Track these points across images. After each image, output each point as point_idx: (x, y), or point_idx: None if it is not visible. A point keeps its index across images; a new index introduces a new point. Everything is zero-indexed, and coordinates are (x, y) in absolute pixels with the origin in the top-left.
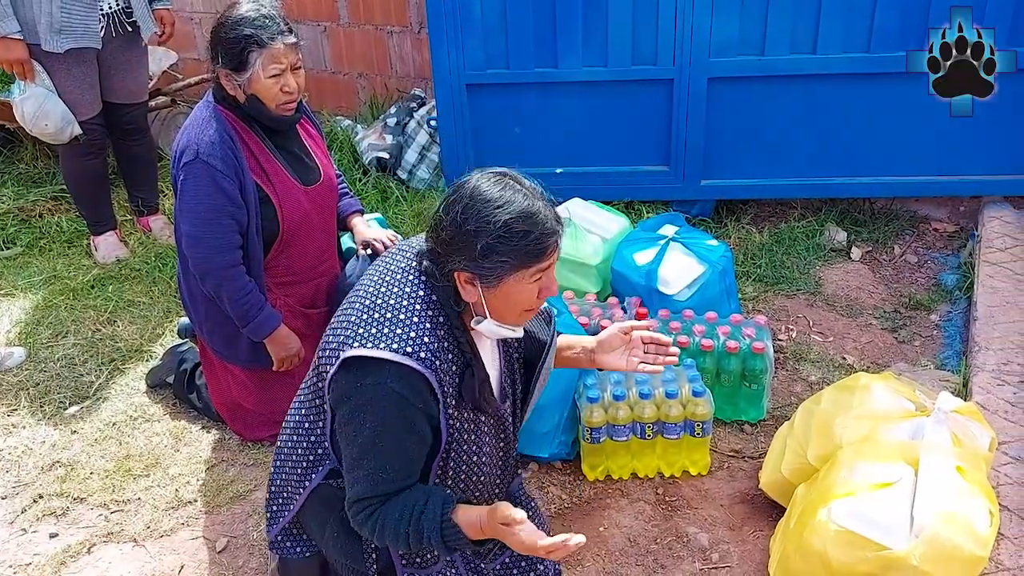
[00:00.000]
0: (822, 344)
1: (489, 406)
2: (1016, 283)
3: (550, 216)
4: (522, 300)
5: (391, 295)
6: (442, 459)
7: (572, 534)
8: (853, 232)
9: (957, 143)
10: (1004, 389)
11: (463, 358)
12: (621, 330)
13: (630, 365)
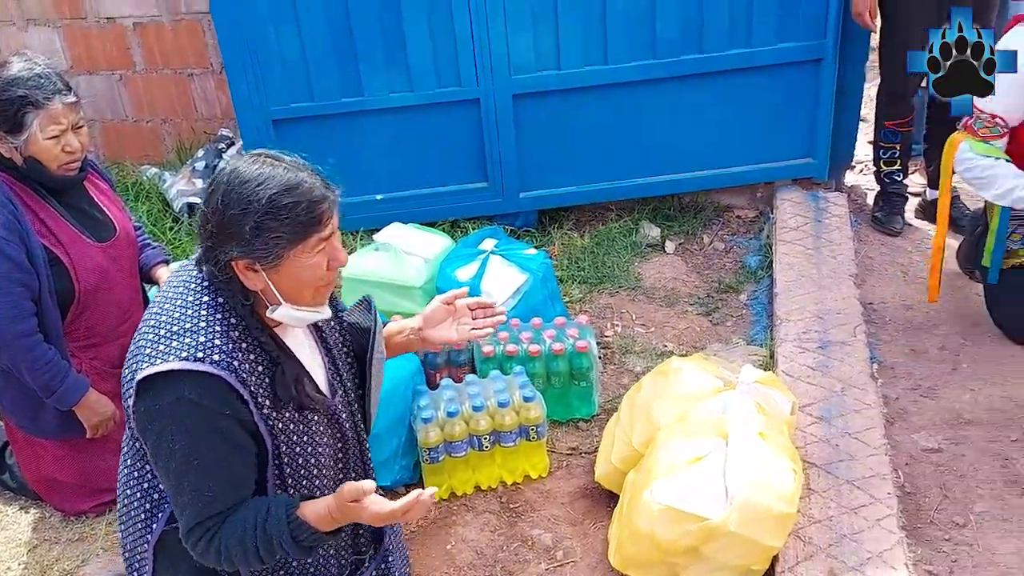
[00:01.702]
0: (645, 335)
1: (314, 402)
2: (808, 258)
3: (317, 183)
4: (311, 275)
5: (175, 309)
6: (276, 465)
7: (422, 490)
8: (666, 227)
9: (748, 135)
10: (805, 356)
11: (268, 356)
12: (443, 302)
13: (461, 334)
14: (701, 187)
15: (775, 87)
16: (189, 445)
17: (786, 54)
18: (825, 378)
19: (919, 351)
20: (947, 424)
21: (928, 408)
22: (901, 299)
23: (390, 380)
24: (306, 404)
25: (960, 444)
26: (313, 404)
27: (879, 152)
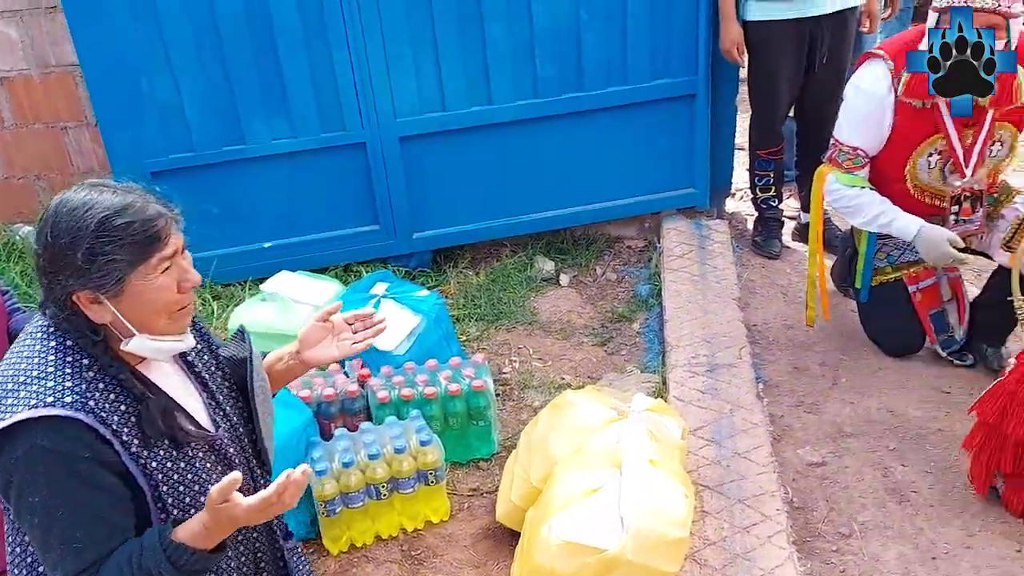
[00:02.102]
0: (543, 369)
1: (191, 437)
2: (694, 284)
3: (151, 202)
4: (161, 298)
5: (20, 361)
6: (159, 508)
7: (292, 469)
8: (559, 260)
9: (633, 168)
10: (695, 380)
11: (131, 393)
12: (318, 320)
13: (342, 350)
14: (592, 220)
15: (654, 122)
16: (49, 495)
17: (661, 90)
18: (714, 400)
19: (801, 368)
20: (830, 438)
21: (811, 423)
22: (782, 319)
23: (281, 435)
24: (181, 439)
25: (843, 456)
26: (190, 438)
27: (754, 180)
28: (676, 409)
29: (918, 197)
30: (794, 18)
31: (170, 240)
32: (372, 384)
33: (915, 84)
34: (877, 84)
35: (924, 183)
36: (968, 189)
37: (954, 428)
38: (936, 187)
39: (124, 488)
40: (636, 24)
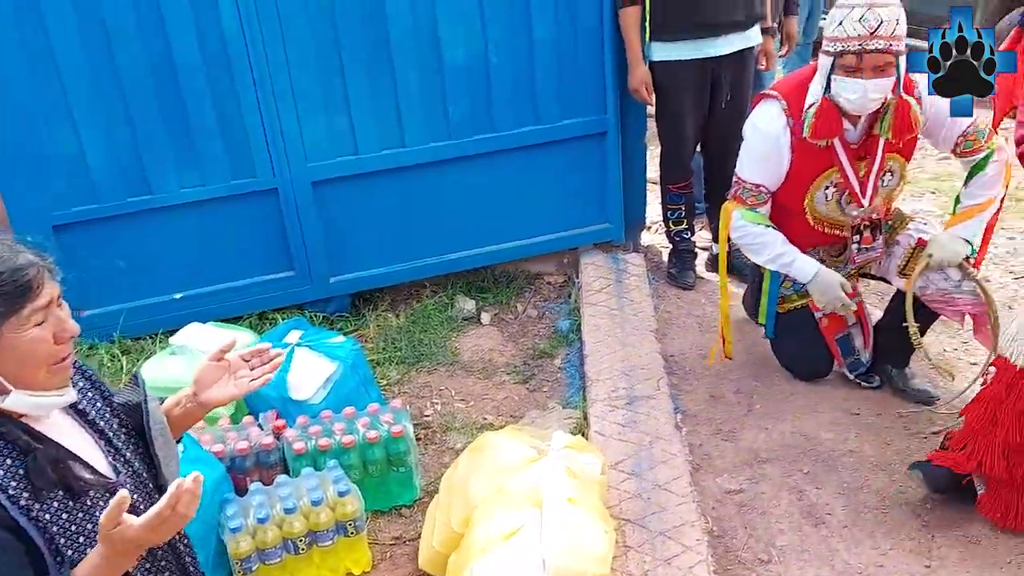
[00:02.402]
0: (465, 410)
1: (88, 484)
2: (612, 318)
3: (20, 252)
4: (37, 352)
5: None
6: (56, 559)
7: (183, 479)
8: (480, 299)
9: (549, 206)
10: (615, 413)
11: (15, 445)
12: (212, 359)
13: (240, 388)
14: (511, 258)
15: (567, 160)
16: None
17: (572, 129)
18: (634, 433)
19: (717, 396)
20: (746, 464)
21: (729, 451)
22: (698, 349)
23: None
24: (77, 488)
25: (759, 482)
26: (87, 487)
27: (667, 213)
28: (597, 443)
29: (819, 228)
30: (696, 58)
31: (43, 290)
32: (288, 435)
33: (820, 127)
34: (773, 123)
35: (823, 214)
36: (867, 218)
37: (863, 449)
38: (835, 218)
39: (16, 542)
40: (544, 66)
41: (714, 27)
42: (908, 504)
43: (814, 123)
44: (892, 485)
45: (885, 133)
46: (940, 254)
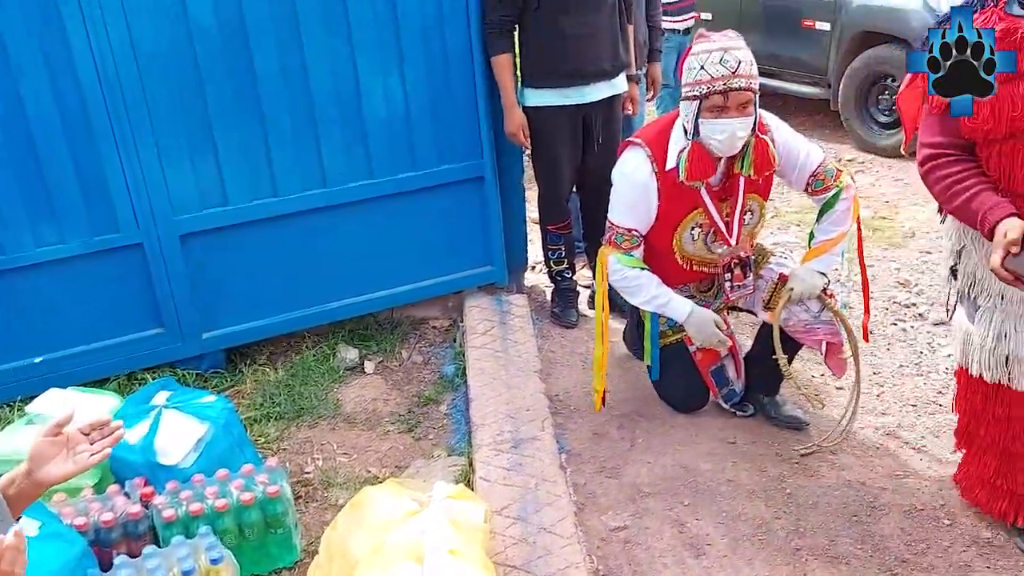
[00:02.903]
0: (348, 464)
1: None
2: (497, 360)
3: None
4: None
5: None
6: None
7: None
8: (363, 347)
9: (431, 250)
10: (501, 458)
11: None
12: (48, 435)
13: (79, 464)
14: (394, 304)
15: (447, 204)
16: None
17: (450, 174)
18: (519, 476)
19: (601, 434)
20: (630, 500)
21: (613, 488)
22: (582, 386)
23: (50, 572)
24: None
25: (643, 517)
26: None
27: (548, 253)
28: (482, 489)
29: (688, 267)
30: (568, 105)
31: None
32: (157, 503)
33: (695, 169)
34: (639, 170)
35: (691, 254)
36: (735, 256)
37: (740, 477)
38: (702, 256)
39: None
40: (420, 113)
41: (582, 76)
42: (783, 529)
43: (688, 167)
44: (767, 511)
45: (747, 171)
46: (800, 287)
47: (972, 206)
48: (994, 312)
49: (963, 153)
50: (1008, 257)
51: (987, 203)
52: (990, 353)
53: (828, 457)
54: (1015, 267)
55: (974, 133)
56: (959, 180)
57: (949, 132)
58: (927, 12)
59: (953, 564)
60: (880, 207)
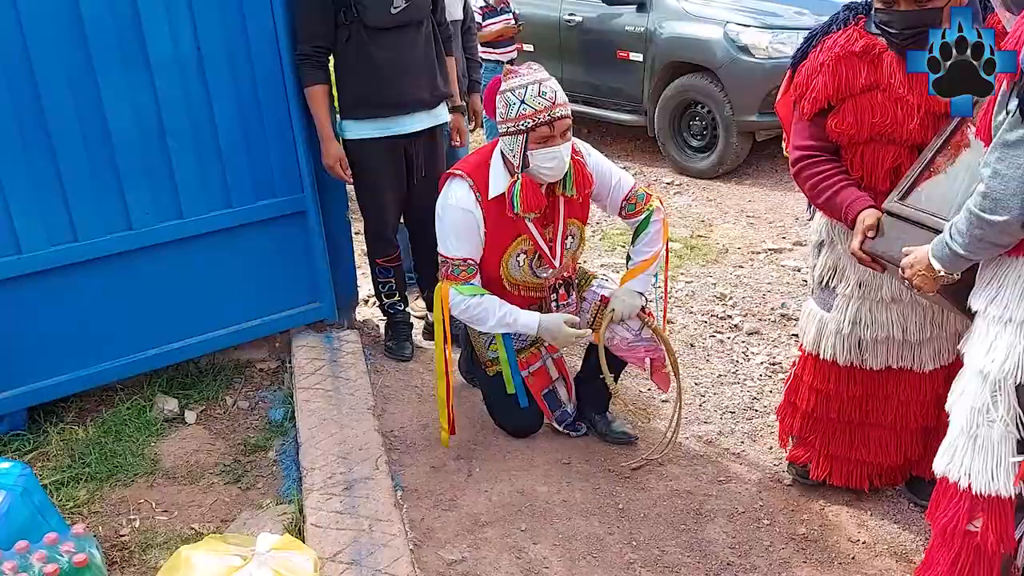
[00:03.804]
0: (169, 522)
1: None
2: (328, 400)
3: None
4: None
5: None
6: None
7: None
8: (184, 396)
9: (255, 290)
10: (332, 501)
11: None
12: None
13: None
14: (216, 348)
15: (268, 241)
16: None
17: (269, 210)
18: (353, 519)
19: (438, 466)
20: (468, 531)
21: (451, 520)
22: (419, 420)
23: None
24: None
25: (480, 547)
26: None
27: (378, 287)
28: (314, 536)
29: (516, 292)
30: (388, 136)
31: None
32: None
33: (529, 201)
34: (464, 200)
35: (518, 279)
36: (559, 277)
37: (575, 497)
38: (529, 281)
39: None
40: (232, 149)
41: (400, 106)
42: (616, 544)
43: (523, 200)
44: (601, 527)
45: (571, 190)
46: (620, 308)
47: (837, 200)
48: (851, 299)
49: (830, 154)
50: (865, 240)
51: (850, 197)
52: (845, 338)
53: (657, 469)
54: (871, 249)
55: (839, 136)
56: (826, 178)
57: (817, 136)
58: (728, 43)
59: (773, 562)
60: (697, 226)
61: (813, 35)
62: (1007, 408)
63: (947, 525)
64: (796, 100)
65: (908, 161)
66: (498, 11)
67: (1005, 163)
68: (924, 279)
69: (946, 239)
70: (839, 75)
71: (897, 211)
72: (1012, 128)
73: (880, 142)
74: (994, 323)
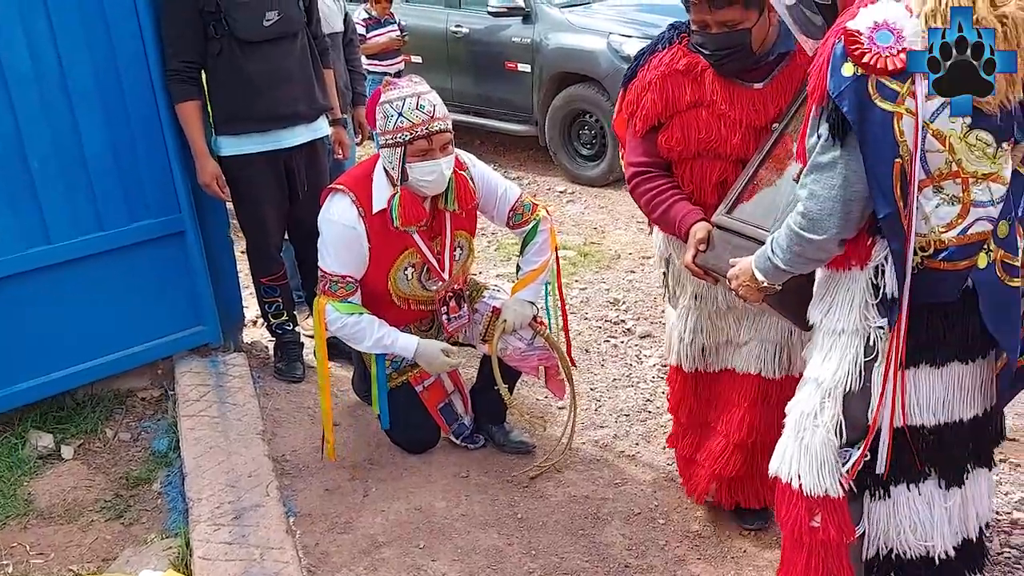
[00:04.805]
0: (45, 565)
1: None
2: (214, 427)
3: None
4: None
5: None
6: None
7: None
8: (60, 431)
9: (133, 315)
10: (221, 532)
11: None
12: None
13: None
14: (94, 378)
15: (145, 264)
16: None
17: (145, 231)
18: (243, 549)
19: (333, 489)
20: (365, 553)
21: (346, 543)
22: (311, 442)
23: None
24: None
25: (378, 569)
26: None
27: (264, 307)
28: (202, 569)
29: (405, 307)
30: (266, 151)
31: None
32: None
33: (408, 214)
34: (346, 215)
35: (407, 293)
36: (449, 290)
37: (474, 510)
38: (419, 295)
39: None
40: (100, 170)
41: (276, 120)
42: (516, 554)
43: (402, 213)
44: (500, 539)
45: (452, 205)
46: (512, 318)
47: (670, 215)
48: (690, 310)
49: (662, 170)
50: (697, 254)
51: (682, 211)
52: (689, 346)
53: (555, 476)
54: (703, 262)
55: (669, 152)
56: (660, 193)
57: (649, 152)
58: (612, 54)
59: (669, 560)
60: (590, 233)
61: (642, 54)
62: (831, 415)
63: (793, 526)
64: (629, 118)
65: (733, 174)
66: (382, 23)
67: (819, 184)
68: (749, 290)
69: (768, 253)
70: (666, 92)
71: (724, 224)
72: (824, 151)
73: (707, 157)
74: (828, 335)
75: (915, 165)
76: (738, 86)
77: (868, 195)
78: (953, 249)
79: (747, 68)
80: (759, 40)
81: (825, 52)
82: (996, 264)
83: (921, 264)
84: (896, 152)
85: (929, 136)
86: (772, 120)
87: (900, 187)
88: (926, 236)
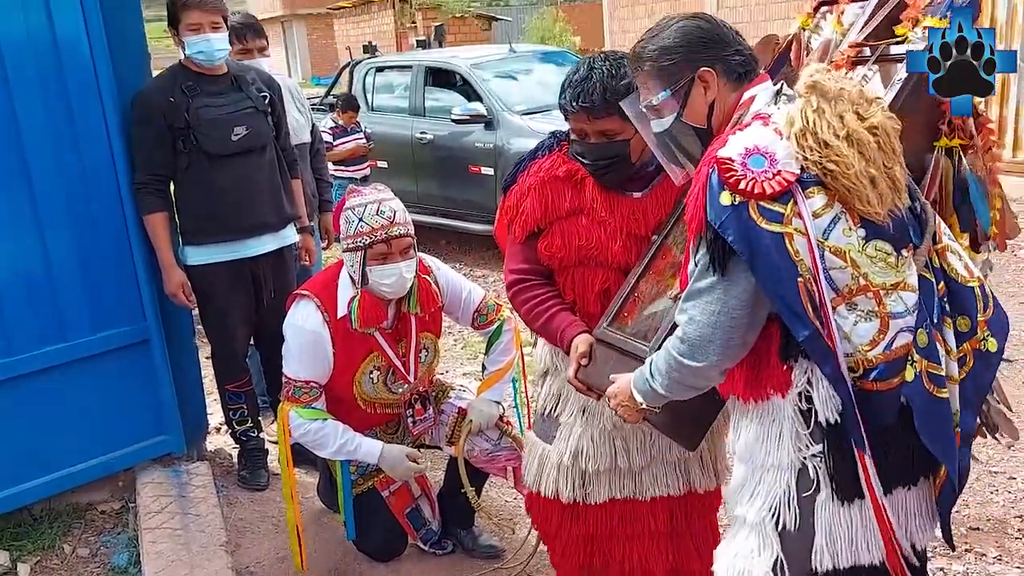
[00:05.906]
0: None
1: None
2: (176, 539)
3: None
4: None
5: None
6: None
7: None
8: (15, 548)
9: (94, 427)
10: None
11: None
12: None
13: None
14: (51, 492)
15: (109, 374)
16: None
17: (109, 341)
18: None
19: None
20: None
21: None
22: (276, 552)
23: None
24: None
25: None
26: None
27: (229, 414)
28: None
29: (371, 410)
30: (232, 260)
31: None
32: None
33: (367, 317)
34: (310, 320)
35: (372, 397)
36: (414, 392)
37: None
38: (384, 398)
39: None
40: (66, 280)
41: (242, 230)
42: None
43: (360, 315)
44: None
45: (414, 308)
46: (479, 419)
47: (552, 325)
48: (573, 427)
49: (543, 278)
50: (580, 369)
51: (564, 322)
52: (567, 471)
53: None
54: (585, 378)
55: (550, 259)
56: (541, 302)
57: (530, 259)
58: None
59: None
60: None
61: (522, 160)
62: (771, 556)
63: None
64: (508, 224)
65: (616, 284)
66: (348, 131)
67: (698, 310)
68: (627, 410)
69: (647, 375)
70: (545, 198)
71: (605, 338)
72: (701, 277)
73: (588, 265)
74: (756, 469)
75: (820, 283)
76: (618, 194)
77: (750, 322)
78: (882, 367)
79: (627, 178)
80: (638, 151)
81: (700, 181)
82: (923, 376)
83: (854, 386)
84: (796, 271)
85: (828, 254)
86: (653, 230)
87: (811, 307)
88: (852, 356)
